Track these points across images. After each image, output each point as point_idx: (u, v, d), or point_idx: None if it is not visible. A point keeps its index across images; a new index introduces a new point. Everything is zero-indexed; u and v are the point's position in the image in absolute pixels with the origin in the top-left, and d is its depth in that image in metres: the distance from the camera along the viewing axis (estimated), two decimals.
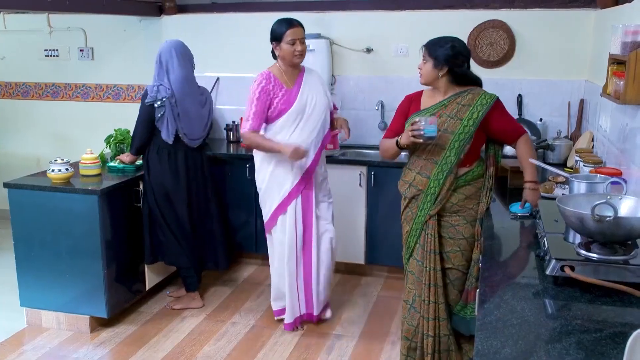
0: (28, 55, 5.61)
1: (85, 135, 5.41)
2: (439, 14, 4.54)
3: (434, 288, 2.86)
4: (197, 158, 3.94)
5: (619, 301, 1.76)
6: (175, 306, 4.04)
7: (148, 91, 3.69)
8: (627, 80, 2.54)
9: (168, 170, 3.80)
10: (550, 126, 4.41)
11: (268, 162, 3.55)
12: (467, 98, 2.85)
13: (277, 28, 3.40)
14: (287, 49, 3.37)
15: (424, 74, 2.86)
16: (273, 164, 3.53)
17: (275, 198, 3.57)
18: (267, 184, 3.58)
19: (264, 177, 3.59)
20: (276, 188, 3.55)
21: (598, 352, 1.48)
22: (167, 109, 3.68)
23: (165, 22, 5.15)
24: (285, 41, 3.36)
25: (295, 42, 3.36)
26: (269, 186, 3.58)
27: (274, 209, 3.59)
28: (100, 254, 3.59)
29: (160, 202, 3.83)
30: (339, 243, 4.38)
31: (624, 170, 2.77)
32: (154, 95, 3.67)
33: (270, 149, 3.44)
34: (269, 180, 3.57)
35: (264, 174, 3.59)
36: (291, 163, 3.47)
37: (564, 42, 4.34)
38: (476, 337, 1.58)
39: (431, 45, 2.84)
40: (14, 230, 3.71)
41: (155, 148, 3.79)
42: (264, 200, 3.65)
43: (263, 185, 3.62)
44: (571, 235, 2.10)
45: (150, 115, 3.69)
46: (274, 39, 3.42)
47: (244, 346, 3.60)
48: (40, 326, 3.84)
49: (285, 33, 3.35)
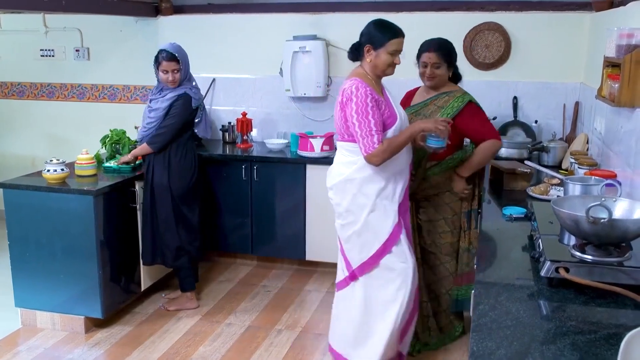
0: (24, 55, 5.59)
1: (81, 135, 5.41)
2: (435, 16, 4.55)
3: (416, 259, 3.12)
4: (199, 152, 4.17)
5: (613, 303, 1.77)
6: (170, 307, 4.04)
7: (190, 95, 3.77)
8: (622, 83, 2.55)
9: (193, 167, 3.90)
10: (545, 128, 4.43)
11: (365, 193, 2.93)
12: (442, 100, 3.15)
13: (379, 32, 2.90)
14: (385, 59, 2.87)
15: (440, 77, 3.15)
16: (374, 194, 2.93)
17: (385, 226, 2.96)
18: (369, 217, 2.94)
19: (363, 212, 2.94)
20: (383, 216, 2.95)
21: (592, 354, 1.49)
22: (204, 108, 3.98)
23: (161, 23, 5.15)
24: (386, 50, 2.86)
25: (396, 53, 2.89)
26: (372, 218, 2.95)
27: (386, 238, 2.95)
28: (95, 255, 3.58)
29: (178, 202, 3.85)
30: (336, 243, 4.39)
31: (618, 173, 2.78)
32: (199, 97, 3.85)
33: (408, 137, 2.90)
34: (371, 213, 2.94)
35: (361, 206, 2.94)
36: (396, 182, 2.95)
37: (559, 45, 4.35)
38: (471, 339, 1.59)
39: (443, 49, 3.13)
40: (8, 231, 3.70)
41: (180, 148, 3.84)
42: (365, 236, 2.97)
43: (361, 219, 2.94)
44: (566, 237, 2.11)
45: (189, 117, 3.84)
46: (371, 42, 2.89)
47: (239, 347, 3.59)
48: (35, 327, 3.83)
49: (390, 41, 2.86)
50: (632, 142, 2.65)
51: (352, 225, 2.97)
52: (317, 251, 4.53)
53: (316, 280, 4.54)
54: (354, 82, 2.85)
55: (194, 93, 3.80)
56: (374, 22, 2.96)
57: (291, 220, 4.53)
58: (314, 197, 4.42)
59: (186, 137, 3.87)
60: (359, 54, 2.96)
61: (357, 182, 2.92)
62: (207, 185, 4.53)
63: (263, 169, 4.49)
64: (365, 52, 2.91)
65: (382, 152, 2.81)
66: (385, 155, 2.82)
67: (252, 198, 4.56)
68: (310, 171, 4.40)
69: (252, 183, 4.53)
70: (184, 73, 3.77)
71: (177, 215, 3.87)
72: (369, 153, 2.80)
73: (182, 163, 3.84)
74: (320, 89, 4.74)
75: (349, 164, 2.95)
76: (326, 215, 4.40)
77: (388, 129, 2.89)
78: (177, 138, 3.81)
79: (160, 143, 3.78)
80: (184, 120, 3.79)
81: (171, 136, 3.78)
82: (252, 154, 4.62)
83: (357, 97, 2.81)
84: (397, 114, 2.94)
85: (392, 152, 2.84)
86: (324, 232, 4.43)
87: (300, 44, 4.67)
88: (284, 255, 4.71)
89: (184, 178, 3.85)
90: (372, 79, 2.92)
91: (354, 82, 2.86)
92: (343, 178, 2.96)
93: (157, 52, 3.75)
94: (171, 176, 3.81)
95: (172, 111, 3.75)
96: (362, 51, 2.93)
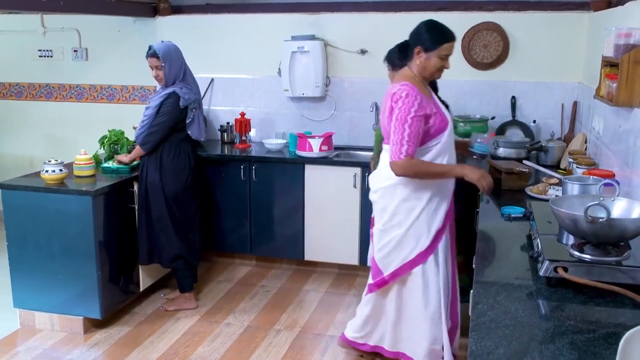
0: (22, 55, 5.59)
1: (79, 136, 5.40)
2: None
3: None
4: (197, 153, 4.08)
5: (612, 302, 1.77)
6: (169, 307, 4.04)
7: (179, 94, 3.74)
8: (620, 83, 2.56)
9: (187, 168, 3.88)
10: (543, 128, 4.44)
11: (418, 196, 2.87)
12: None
13: (432, 35, 2.80)
14: (435, 62, 2.79)
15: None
16: (426, 198, 2.87)
17: (423, 235, 2.91)
18: (416, 222, 2.89)
19: (410, 217, 2.89)
20: (425, 225, 2.90)
21: (591, 353, 1.49)
22: (198, 109, 3.87)
23: (159, 23, 5.14)
24: (437, 53, 2.78)
25: (447, 57, 2.81)
26: (418, 224, 2.89)
27: (426, 246, 2.91)
28: (94, 255, 3.58)
29: (171, 202, 3.84)
30: (335, 243, 4.39)
31: (616, 172, 2.79)
32: (188, 97, 3.77)
33: (444, 173, 2.83)
34: (419, 217, 2.88)
35: (409, 210, 2.89)
36: (445, 190, 2.91)
37: (557, 45, 4.36)
38: (470, 338, 1.59)
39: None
40: (7, 231, 3.69)
41: (172, 147, 3.83)
42: (405, 242, 2.93)
43: (406, 224, 2.90)
44: (564, 236, 2.11)
45: (179, 117, 3.78)
46: (422, 44, 2.80)
47: (238, 347, 3.59)
48: (34, 327, 3.82)
49: (442, 45, 2.77)
50: (630, 142, 2.65)
51: (396, 229, 2.92)
52: (315, 251, 4.53)
53: (315, 280, 4.54)
54: (404, 88, 2.76)
55: (183, 93, 3.76)
56: (426, 23, 2.86)
57: (290, 220, 4.53)
58: (313, 197, 4.42)
59: (179, 138, 3.85)
60: (407, 54, 2.87)
61: (410, 185, 2.85)
62: (205, 186, 4.53)
63: (262, 169, 4.49)
64: (415, 53, 2.82)
65: (409, 166, 2.74)
66: (409, 171, 2.75)
67: (251, 198, 4.56)
68: (309, 171, 4.40)
69: (250, 183, 4.53)
70: (171, 71, 3.75)
71: (172, 216, 3.86)
72: (394, 160, 2.74)
73: (174, 163, 3.82)
74: (318, 89, 4.74)
75: None
76: (325, 215, 4.41)
77: (441, 132, 2.82)
78: (169, 137, 3.80)
79: (151, 143, 3.78)
80: (175, 119, 3.77)
81: (162, 135, 3.77)
82: (251, 154, 4.62)
83: (402, 104, 2.73)
84: (448, 118, 2.87)
85: (418, 172, 2.78)
86: (322, 232, 4.44)
87: (298, 44, 4.67)
88: (282, 255, 4.71)
89: (177, 178, 3.83)
90: (420, 81, 2.84)
91: (404, 87, 2.76)
92: (393, 182, 2.88)
93: None
94: (163, 176, 3.80)
95: (162, 110, 3.75)
96: (411, 52, 2.84)
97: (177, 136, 3.84)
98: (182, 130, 3.85)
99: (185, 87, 3.80)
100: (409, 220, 2.88)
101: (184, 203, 3.90)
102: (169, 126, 3.78)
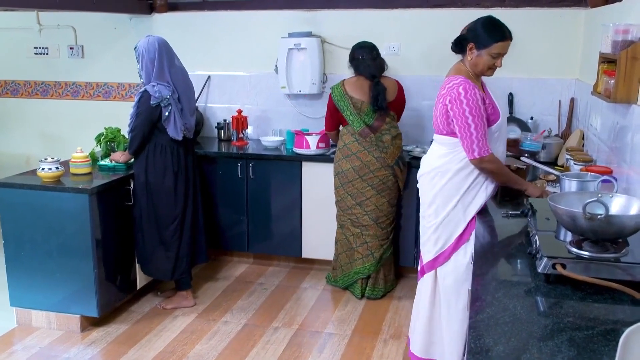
0: (17, 53, 5.57)
1: (76, 133, 5.38)
2: (430, 13, 4.55)
3: None
4: (191, 153, 3.97)
5: (610, 299, 1.77)
6: (166, 306, 4.03)
7: (150, 92, 3.64)
8: (618, 79, 2.56)
9: (171, 168, 3.79)
10: (540, 125, 4.44)
11: (459, 185, 2.86)
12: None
13: (486, 32, 2.80)
14: (487, 60, 2.81)
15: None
16: (465, 188, 2.85)
17: (463, 222, 2.88)
18: (456, 210, 2.88)
19: (449, 204, 2.88)
20: (462, 213, 2.87)
21: (590, 350, 1.49)
22: (173, 107, 3.69)
23: (155, 20, 5.13)
24: (489, 51, 2.78)
25: (499, 56, 2.82)
26: (455, 212, 2.88)
27: (458, 234, 2.89)
28: (90, 253, 3.57)
29: (157, 203, 3.80)
30: (332, 241, 4.38)
31: (614, 169, 2.78)
32: (159, 95, 3.64)
33: (511, 181, 2.86)
34: (457, 205, 2.87)
35: (449, 197, 2.88)
36: (481, 182, 2.87)
37: (554, 41, 4.35)
38: (468, 335, 1.59)
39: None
40: (3, 230, 3.68)
41: (157, 147, 3.76)
42: (440, 231, 2.92)
43: (444, 211, 2.89)
44: (562, 233, 2.11)
45: (153, 116, 3.67)
46: (475, 40, 2.80)
47: (235, 345, 3.59)
48: (31, 326, 3.81)
49: (495, 44, 2.77)
50: (628, 138, 2.65)
51: (433, 217, 2.93)
52: (313, 249, 4.53)
53: (313, 278, 4.53)
54: (460, 82, 2.75)
55: (154, 90, 3.62)
56: (483, 20, 2.85)
57: (287, 217, 4.52)
58: (310, 194, 4.42)
59: (164, 138, 3.74)
60: (462, 48, 2.86)
61: (449, 173, 2.86)
62: (202, 183, 4.52)
63: (259, 166, 4.48)
64: (468, 49, 2.82)
65: (495, 161, 2.78)
66: (494, 165, 2.78)
67: (248, 196, 4.55)
68: (306, 168, 4.40)
69: (247, 181, 4.52)
70: (144, 68, 3.69)
71: (157, 218, 3.83)
72: (482, 157, 2.74)
73: (158, 164, 3.76)
74: (315, 86, 4.73)
75: (443, 156, 2.88)
76: (322, 213, 4.40)
77: (491, 125, 2.82)
78: (152, 138, 3.74)
79: (134, 147, 3.75)
80: (149, 119, 3.66)
81: (142, 135, 3.70)
82: (248, 151, 4.61)
83: (467, 99, 2.72)
84: (500, 111, 2.87)
85: (499, 170, 2.81)
86: (320, 229, 4.43)
87: (295, 41, 4.66)
88: (280, 253, 4.70)
89: (163, 179, 3.78)
90: (472, 75, 2.84)
91: (460, 81, 2.76)
92: (432, 168, 2.92)
93: None
94: (148, 176, 3.77)
95: (137, 110, 3.70)
96: (465, 47, 2.83)
97: (161, 135, 3.74)
98: (164, 129, 3.74)
99: (159, 84, 3.67)
100: (447, 209, 2.88)
101: (175, 203, 3.84)
102: (146, 125, 3.68)
